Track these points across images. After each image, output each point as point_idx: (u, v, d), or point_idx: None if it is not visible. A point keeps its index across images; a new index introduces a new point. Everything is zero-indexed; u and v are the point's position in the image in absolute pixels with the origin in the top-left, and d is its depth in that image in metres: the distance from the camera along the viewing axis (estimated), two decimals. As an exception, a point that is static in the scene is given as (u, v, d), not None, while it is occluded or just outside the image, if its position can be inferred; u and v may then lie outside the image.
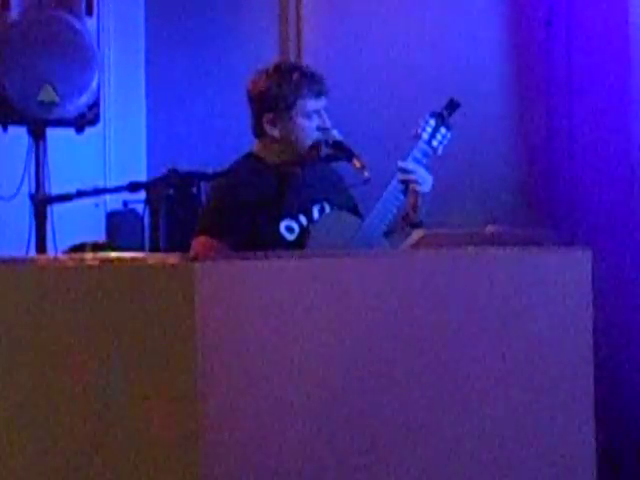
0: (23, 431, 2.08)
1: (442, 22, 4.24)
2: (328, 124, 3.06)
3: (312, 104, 3.05)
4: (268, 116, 3.07)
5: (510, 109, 4.07)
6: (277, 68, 3.11)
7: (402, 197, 3.03)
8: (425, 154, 3.06)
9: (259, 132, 3.11)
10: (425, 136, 3.06)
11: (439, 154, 3.08)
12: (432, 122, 3.07)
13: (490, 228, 2.55)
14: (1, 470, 2.09)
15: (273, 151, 3.09)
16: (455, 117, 3.13)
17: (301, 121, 3.05)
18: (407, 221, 3.07)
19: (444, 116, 3.09)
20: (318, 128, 3.05)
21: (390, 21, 4.39)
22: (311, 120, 3.05)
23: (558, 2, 3.92)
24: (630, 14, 3.77)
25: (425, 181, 3.04)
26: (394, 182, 3.02)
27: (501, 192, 4.03)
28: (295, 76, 3.07)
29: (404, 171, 3.03)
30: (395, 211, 3.02)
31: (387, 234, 3.04)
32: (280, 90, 3.05)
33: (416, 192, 3.04)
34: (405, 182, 3.02)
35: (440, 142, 3.07)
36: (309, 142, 3.04)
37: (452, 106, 3.11)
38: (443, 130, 3.08)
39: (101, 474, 1.95)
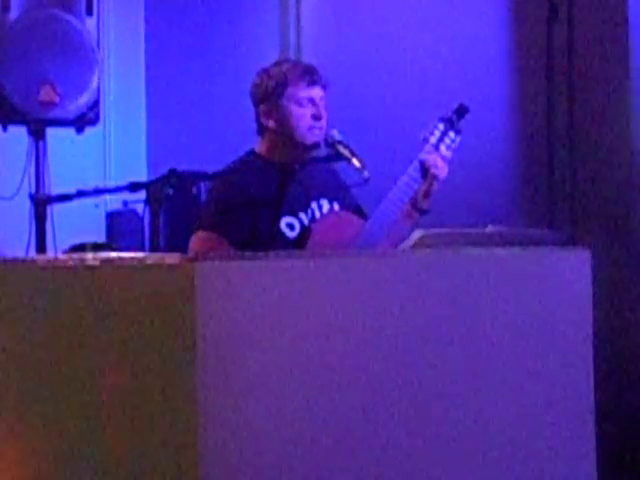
0: (21, 429, 2.09)
1: (442, 22, 4.24)
2: (324, 114, 3.05)
3: (304, 92, 3.05)
4: (262, 108, 3.08)
5: (510, 108, 4.07)
6: (273, 63, 3.15)
7: (420, 181, 3.02)
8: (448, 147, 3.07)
9: (259, 128, 3.12)
10: (433, 140, 3.06)
11: (448, 159, 3.07)
12: (441, 126, 3.07)
13: (490, 228, 2.55)
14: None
15: (273, 147, 3.09)
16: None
17: (293, 108, 3.04)
18: (416, 207, 3.06)
19: (453, 121, 3.09)
20: (313, 116, 3.04)
21: (390, 21, 4.39)
22: (304, 107, 3.04)
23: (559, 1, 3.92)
24: (630, 12, 3.77)
25: (444, 167, 3.04)
26: (414, 165, 3.00)
27: (501, 192, 4.03)
28: (285, 66, 3.11)
29: (430, 153, 3.01)
30: (412, 194, 3.00)
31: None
32: (270, 79, 3.07)
33: (434, 177, 3.03)
34: (428, 165, 3.00)
35: (448, 146, 3.06)
36: (304, 129, 3.04)
37: (461, 111, 3.11)
38: (452, 134, 3.07)
39: (100, 471, 1.95)
